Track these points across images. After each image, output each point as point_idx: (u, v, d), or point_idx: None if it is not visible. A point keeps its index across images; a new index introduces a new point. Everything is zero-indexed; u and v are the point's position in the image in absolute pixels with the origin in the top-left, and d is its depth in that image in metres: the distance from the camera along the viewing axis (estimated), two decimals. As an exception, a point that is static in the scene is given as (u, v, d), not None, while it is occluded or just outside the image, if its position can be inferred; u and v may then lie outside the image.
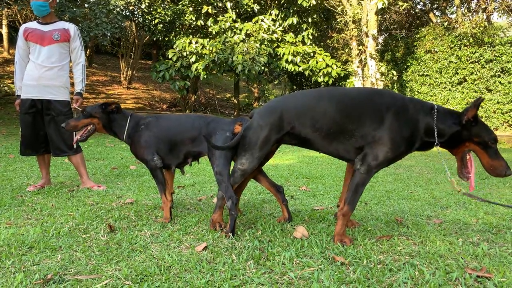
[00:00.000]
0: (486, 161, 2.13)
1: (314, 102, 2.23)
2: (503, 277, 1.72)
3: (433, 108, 2.18)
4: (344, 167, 5.53)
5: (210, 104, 18.43)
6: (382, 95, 2.21)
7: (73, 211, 2.83)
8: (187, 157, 2.63)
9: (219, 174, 2.35)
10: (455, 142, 2.18)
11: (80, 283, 1.66)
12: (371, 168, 2.13)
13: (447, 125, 2.14)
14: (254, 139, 2.26)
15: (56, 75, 3.61)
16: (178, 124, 2.62)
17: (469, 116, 2.09)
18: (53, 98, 3.61)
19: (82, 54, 3.76)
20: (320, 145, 2.25)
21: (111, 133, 2.79)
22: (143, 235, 2.30)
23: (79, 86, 3.73)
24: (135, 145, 2.69)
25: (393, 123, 2.11)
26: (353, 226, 2.49)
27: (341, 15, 13.57)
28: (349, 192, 2.18)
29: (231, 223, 2.26)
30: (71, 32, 3.68)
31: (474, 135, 2.12)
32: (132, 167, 5.12)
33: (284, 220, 2.58)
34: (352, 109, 2.17)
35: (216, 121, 2.54)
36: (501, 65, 13.05)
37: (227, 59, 11.09)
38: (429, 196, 3.56)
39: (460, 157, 2.21)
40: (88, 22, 10.27)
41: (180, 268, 1.81)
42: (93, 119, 2.74)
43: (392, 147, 2.11)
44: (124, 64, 17.57)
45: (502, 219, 2.74)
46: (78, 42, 3.72)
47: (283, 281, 1.69)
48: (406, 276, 1.72)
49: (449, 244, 2.16)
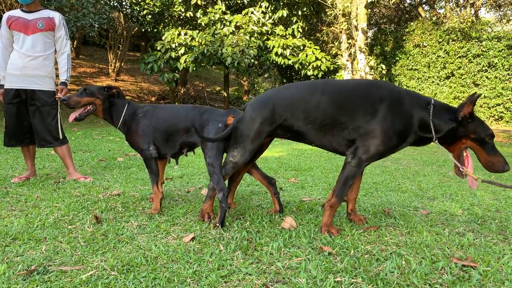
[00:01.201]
0: (483, 157, 2.09)
1: (307, 94, 2.19)
2: (487, 266, 1.74)
3: (429, 102, 2.13)
4: (334, 160, 5.56)
5: (199, 96, 18.31)
6: (378, 87, 2.17)
7: (59, 202, 2.79)
8: (183, 147, 2.61)
9: (211, 165, 2.33)
10: (452, 138, 2.13)
11: (65, 274, 1.64)
12: (362, 161, 2.11)
13: (443, 121, 2.09)
14: (246, 132, 2.24)
15: (40, 64, 3.53)
16: (173, 114, 2.59)
17: (465, 113, 2.04)
18: (37, 88, 3.53)
19: (67, 43, 3.68)
20: (313, 138, 2.22)
21: (107, 117, 2.75)
22: (130, 226, 2.27)
23: (64, 76, 3.65)
24: (131, 133, 2.65)
25: (386, 116, 2.07)
26: (360, 221, 2.40)
27: (331, 8, 13.56)
28: (338, 184, 2.17)
29: (221, 215, 2.24)
30: (56, 20, 3.60)
31: (470, 132, 2.07)
32: (119, 159, 5.07)
33: (275, 212, 2.58)
34: (346, 101, 2.14)
35: (210, 112, 2.51)
36: (488, 60, 13.21)
37: (217, 52, 11.01)
38: (417, 188, 3.59)
39: (457, 154, 2.17)
40: (75, 12, 10.08)
41: (167, 259, 1.79)
42: (96, 99, 2.70)
43: (384, 140, 2.07)
44: (112, 56, 17.32)
45: (487, 210, 2.78)
46: (63, 31, 3.64)
47: (271, 271, 1.69)
48: (393, 265, 1.73)
49: (435, 235, 2.18)
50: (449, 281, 1.59)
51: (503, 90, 12.92)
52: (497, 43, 13.05)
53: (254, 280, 1.60)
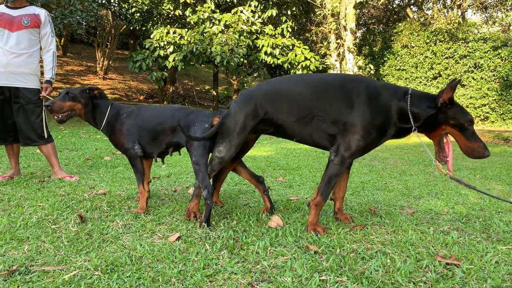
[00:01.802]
0: (463, 143, 2.09)
1: (285, 86, 2.23)
2: (471, 264, 1.76)
3: (407, 92, 2.13)
4: (322, 159, 5.57)
5: (188, 95, 18.23)
6: (353, 81, 2.18)
7: (43, 201, 2.75)
8: (168, 147, 2.60)
9: (196, 163, 2.33)
10: (431, 125, 2.12)
11: (47, 274, 1.61)
12: (345, 158, 2.12)
13: (421, 109, 2.09)
14: (231, 127, 2.26)
15: (25, 62, 3.47)
16: (159, 113, 2.58)
17: (445, 99, 2.03)
18: (22, 85, 3.47)
19: (52, 40, 3.62)
20: (293, 132, 2.24)
21: (90, 119, 2.70)
22: (115, 225, 2.25)
23: (49, 74, 3.59)
24: (115, 133, 2.62)
25: (364, 110, 2.08)
26: (347, 220, 2.41)
27: (320, 8, 13.61)
28: (322, 183, 2.17)
29: (206, 213, 2.23)
30: (41, 17, 3.54)
31: (450, 118, 2.06)
32: (106, 158, 5.02)
33: (267, 210, 2.57)
34: (322, 93, 2.16)
35: (196, 113, 2.52)
36: (474, 61, 13.39)
37: (206, 50, 10.96)
38: (403, 187, 3.62)
39: (437, 141, 2.17)
40: (62, 9, 9.94)
41: (152, 258, 1.78)
42: (77, 104, 2.65)
43: (364, 134, 2.08)
44: (100, 54, 17.14)
45: (472, 209, 2.81)
46: (48, 28, 3.58)
47: (257, 270, 1.68)
48: (378, 264, 1.74)
49: (420, 233, 2.20)
50: (433, 279, 1.60)
51: (488, 91, 13.12)
52: (483, 45, 13.25)
53: (240, 279, 1.60)
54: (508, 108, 12.99)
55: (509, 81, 12.84)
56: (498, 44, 13.03)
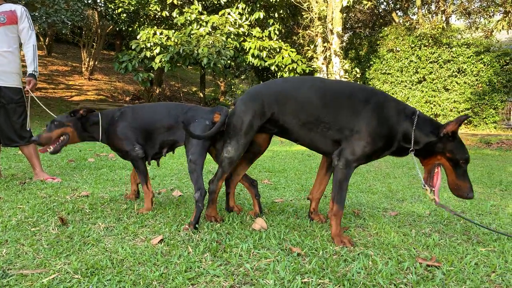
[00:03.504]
0: (452, 179, 2.11)
1: (295, 89, 2.20)
2: (451, 266, 1.79)
3: (414, 113, 2.13)
4: (307, 161, 5.60)
5: (175, 97, 18.14)
6: (363, 91, 2.17)
7: (23, 204, 2.70)
8: (163, 146, 2.56)
9: (193, 162, 2.29)
10: (428, 152, 2.13)
11: (25, 278, 1.58)
12: (350, 162, 2.08)
13: (424, 133, 2.09)
14: (238, 126, 2.23)
15: (5, 60, 3.41)
16: (155, 112, 2.54)
17: (448, 130, 2.04)
18: (2, 84, 3.41)
19: (32, 34, 3.53)
20: (297, 135, 2.22)
21: (86, 138, 2.66)
22: (97, 228, 2.22)
23: (31, 67, 3.50)
24: (112, 138, 2.58)
25: (371, 118, 2.07)
26: (320, 221, 2.44)
27: (307, 12, 13.69)
28: (334, 191, 2.11)
29: (196, 215, 2.22)
30: (17, 13, 3.47)
31: (448, 150, 2.07)
32: (90, 160, 4.95)
33: (255, 214, 2.56)
34: (331, 100, 2.13)
35: (195, 110, 2.47)
36: (458, 65, 13.63)
37: (192, 52, 10.93)
38: (387, 190, 3.65)
39: (428, 168, 2.18)
40: (46, 8, 9.80)
41: (134, 261, 1.76)
42: (66, 128, 2.58)
43: (370, 141, 2.06)
44: (86, 54, 16.95)
45: (453, 211, 2.85)
46: (26, 22, 3.51)
47: (239, 273, 1.68)
48: (360, 266, 1.75)
49: (403, 235, 2.22)
50: (414, 281, 1.62)
51: (471, 95, 13.36)
52: (466, 50, 13.50)
53: (222, 282, 1.59)
54: (490, 112, 13.25)
55: (491, 86, 13.10)
56: (481, 49, 13.30)
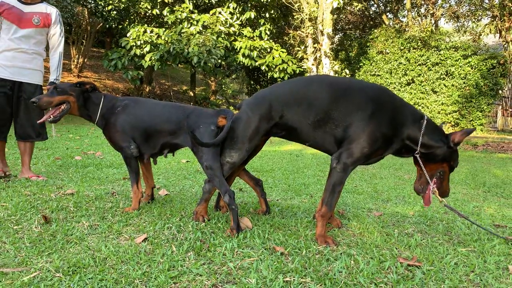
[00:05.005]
0: (446, 183, 2.25)
1: (302, 88, 2.17)
2: (431, 266, 1.82)
3: (423, 117, 2.15)
4: (295, 162, 5.63)
5: (165, 95, 18.06)
6: (372, 89, 2.17)
7: (7, 201, 2.67)
8: (164, 148, 2.51)
9: (209, 168, 2.21)
10: (435, 158, 2.17)
11: (6, 276, 1.57)
12: (347, 166, 2.07)
13: (433, 139, 2.13)
14: (243, 131, 2.17)
15: (31, 58, 3.47)
16: (156, 114, 2.46)
17: (456, 140, 2.12)
18: (26, 80, 3.47)
19: (61, 40, 3.59)
20: (306, 135, 2.18)
21: (84, 114, 2.59)
22: (81, 226, 2.21)
23: (54, 75, 3.56)
24: (109, 129, 2.51)
25: (375, 117, 2.06)
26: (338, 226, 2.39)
27: (298, 12, 13.74)
28: (326, 192, 2.11)
29: (234, 218, 2.15)
30: (52, 16, 3.51)
31: (452, 159, 2.18)
32: (77, 158, 4.92)
33: (262, 212, 2.57)
34: (340, 97, 2.11)
35: (197, 114, 2.37)
36: (446, 68, 13.79)
37: (183, 50, 10.90)
38: (372, 190, 3.69)
39: (432, 174, 2.23)
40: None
41: (116, 260, 1.75)
42: (69, 97, 2.51)
43: (370, 141, 2.04)
44: (75, 51, 16.79)
45: (436, 212, 2.90)
46: (58, 28, 3.55)
47: (222, 272, 1.68)
48: (342, 265, 1.77)
49: (385, 235, 2.25)
50: (394, 280, 1.64)
51: (459, 98, 13.54)
52: (454, 53, 13.67)
53: (204, 280, 1.60)
54: (477, 115, 13.44)
55: (478, 89, 13.29)
56: (469, 52, 13.48)
